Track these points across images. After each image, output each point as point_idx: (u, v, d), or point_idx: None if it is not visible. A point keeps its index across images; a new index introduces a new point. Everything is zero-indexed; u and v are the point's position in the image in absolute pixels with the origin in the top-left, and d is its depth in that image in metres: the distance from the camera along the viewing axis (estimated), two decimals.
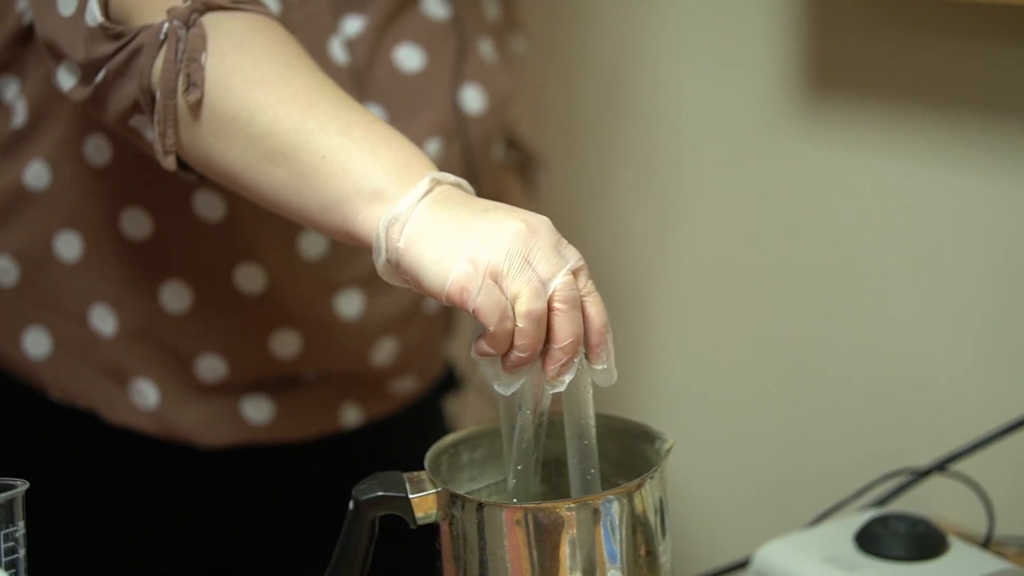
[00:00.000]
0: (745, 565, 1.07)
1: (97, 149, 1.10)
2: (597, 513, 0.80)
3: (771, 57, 1.37)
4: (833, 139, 1.35)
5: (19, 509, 0.81)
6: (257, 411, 1.16)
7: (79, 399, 1.15)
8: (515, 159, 1.36)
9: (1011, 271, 1.24)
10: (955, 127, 1.25)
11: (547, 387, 0.80)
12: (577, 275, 0.79)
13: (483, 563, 0.82)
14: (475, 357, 0.80)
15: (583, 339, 0.79)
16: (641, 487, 0.82)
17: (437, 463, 0.87)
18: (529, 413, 0.82)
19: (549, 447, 0.85)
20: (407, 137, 0.87)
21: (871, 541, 1.02)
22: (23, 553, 0.81)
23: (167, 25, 0.90)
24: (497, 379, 0.80)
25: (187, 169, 0.94)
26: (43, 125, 1.11)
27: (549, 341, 0.78)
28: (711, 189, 1.47)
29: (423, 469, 0.85)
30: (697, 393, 1.53)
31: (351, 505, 0.85)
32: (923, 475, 1.10)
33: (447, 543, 0.84)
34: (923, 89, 1.27)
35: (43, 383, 1.16)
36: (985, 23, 1.21)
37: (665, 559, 0.84)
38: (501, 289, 0.77)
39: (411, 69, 1.12)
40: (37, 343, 1.15)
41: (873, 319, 1.35)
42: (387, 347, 1.19)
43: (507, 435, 0.85)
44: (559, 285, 0.78)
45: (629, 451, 0.89)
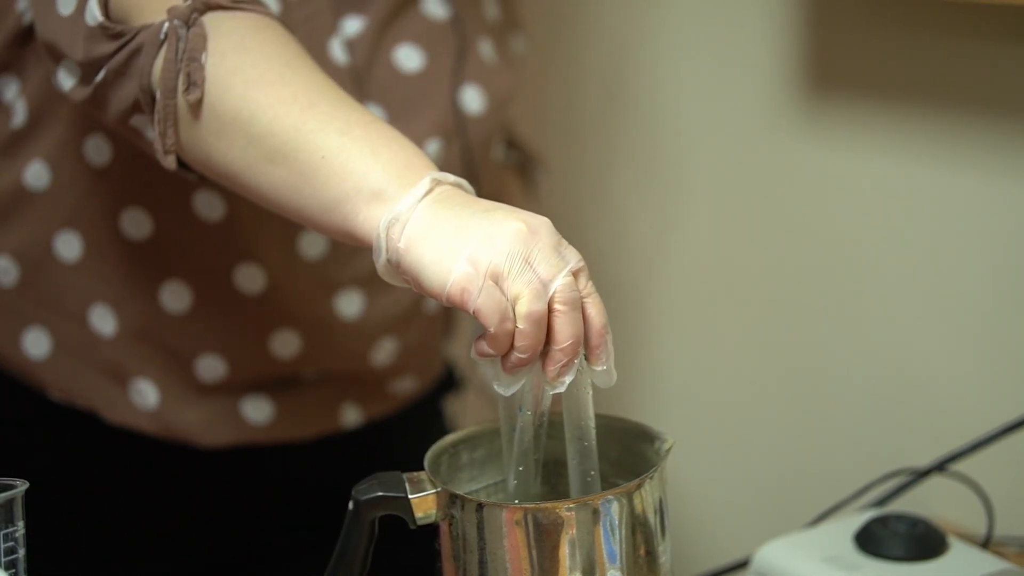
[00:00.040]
0: (745, 565, 1.07)
1: (97, 149, 1.10)
2: (597, 513, 0.80)
3: (771, 57, 1.37)
4: (833, 139, 1.35)
5: (19, 509, 0.81)
6: (257, 411, 1.16)
7: (79, 399, 1.15)
8: (515, 159, 1.36)
9: (1011, 271, 1.24)
10: (955, 127, 1.25)
11: (547, 388, 0.80)
12: (577, 276, 0.79)
13: (483, 563, 0.82)
14: (475, 358, 0.80)
15: (583, 340, 0.79)
16: (641, 487, 0.82)
17: (437, 463, 0.87)
18: (529, 414, 0.82)
19: (549, 448, 0.85)
20: (407, 137, 0.87)
21: (871, 541, 1.02)
22: (23, 553, 0.81)
23: (167, 24, 0.90)
24: (497, 380, 0.80)
25: (187, 169, 0.94)
26: (43, 125, 1.11)
27: (549, 342, 0.78)
28: (711, 189, 1.47)
29: (423, 469, 0.85)
30: (697, 393, 1.53)
31: (351, 505, 0.85)
32: (923, 475, 1.10)
33: (447, 543, 0.84)
34: (923, 89, 1.27)
35: (43, 383, 1.16)
36: (985, 23, 1.21)
37: (665, 559, 0.84)
38: (502, 290, 0.77)
39: (411, 69, 1.12)
40: (37, 343, 1.15)
41: (873, 319, 1.35)
42: (387, 347, 1.19)
43: (507, 436, 0.85)
44: (560, 286, 0.78)
45: (629, 451, 0.89)
